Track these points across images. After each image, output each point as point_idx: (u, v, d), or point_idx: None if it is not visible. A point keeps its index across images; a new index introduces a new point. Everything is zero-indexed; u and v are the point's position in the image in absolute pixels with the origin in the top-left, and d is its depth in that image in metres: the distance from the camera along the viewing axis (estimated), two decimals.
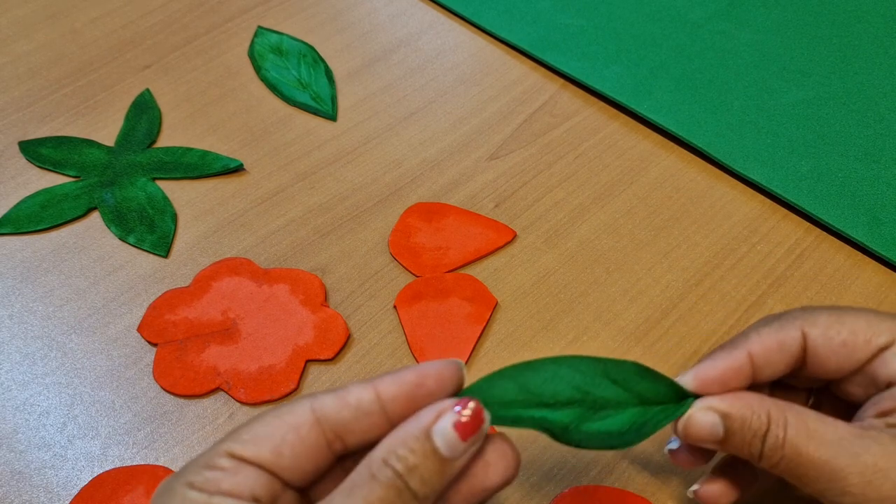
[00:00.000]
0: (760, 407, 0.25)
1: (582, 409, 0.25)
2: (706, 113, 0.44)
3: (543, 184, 0.42)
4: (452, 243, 0.39)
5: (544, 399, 0.25)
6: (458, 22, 0.51)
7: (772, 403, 0.25)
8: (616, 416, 0.25)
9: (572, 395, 0.25)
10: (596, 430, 0.25)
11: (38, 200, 0.42)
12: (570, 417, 0.25)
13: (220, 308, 0.37)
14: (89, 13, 0.53)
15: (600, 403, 0.25)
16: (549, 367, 0.25)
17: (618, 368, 0.25)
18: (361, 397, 0.22)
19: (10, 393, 0.35)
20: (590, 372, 0.25)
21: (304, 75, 0.48)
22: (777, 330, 0.26)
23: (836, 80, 0.45)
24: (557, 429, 0.25)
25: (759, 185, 0.41)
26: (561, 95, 0.46)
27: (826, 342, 0.25)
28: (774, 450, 0.24)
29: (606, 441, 0.25)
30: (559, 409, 0.25)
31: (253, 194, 0.42)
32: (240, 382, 0.34)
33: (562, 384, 0.25)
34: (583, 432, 0.25)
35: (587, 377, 0.25)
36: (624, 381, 0.25)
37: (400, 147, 0.44)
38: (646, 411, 0.26)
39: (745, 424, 0.25)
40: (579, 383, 0.25)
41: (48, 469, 0.32)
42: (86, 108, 0.47)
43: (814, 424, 0.24)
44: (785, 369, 0.26)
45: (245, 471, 0.21)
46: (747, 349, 0.26)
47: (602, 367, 0.25)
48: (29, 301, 0.38)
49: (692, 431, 0.25)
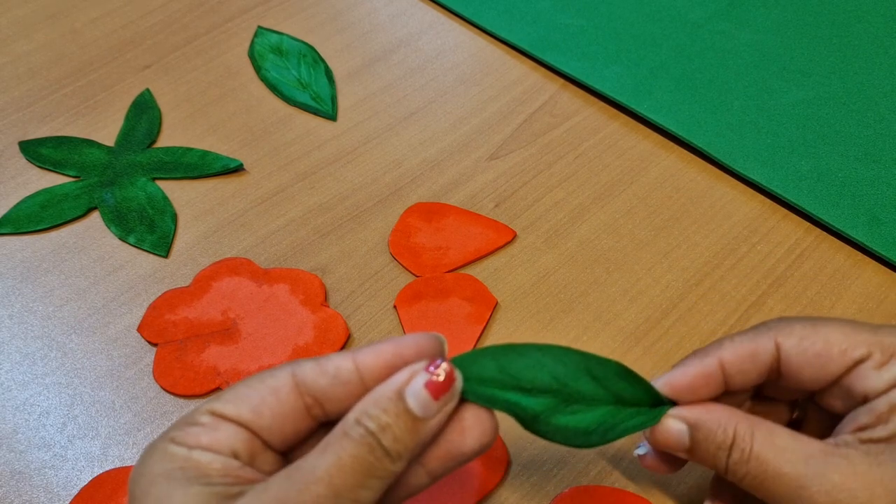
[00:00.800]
0: (728, 420, 0.25)
1: (556, 400, 0.25)
2: (706, 113, 0.44)
3: (543, 184, 0.42)
4: (452, 243, 0.39)
5: (522, 384, 0.25)
6: (458, 22, 0.51)
7: (741, 418, 0.25)
8: (587, 412, 0.25)
9: (550, 384, 0.25)
10: (564, 424, 0.25)
11: (38, 200, 0.42)
12: (542, 407, 0.25)
13: (220, 308, 0.37)
14: (89, 13, 0.53)
15: (575, 397, 0.25)
16: (534, 353, 0.25)
17: (600, 366, 0.26)
18: (340, 366, 0.23)
19: (10, 393, 0.35)
20: (572, 364, 0.25)
21: (304, 75, 0.48)
22: (750, 339, 0.26)
23: (837, 80, 0.45)
24: (527, 416, 0.25)
25: (760, 185, 0.41)
26: (561, 95, 0.46)
27: (800, 353, 0.25)
28: (739, 464, 0.24)
29: (571, 438, 0.25)
30: (534, 395, 0.25)
31: (253, 194, 0.42)
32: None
33: (542, 372, 0.25)
34: (551, 424, 0.25)
35: (568, 369, 0.25)
36: (604, 379, 0.26)
37: (400, 147, 0.44)
38: (618, 412, 0.26)
39: (710, 436, 0.25)
40: (559, 374, 0.25)
41: (48, 469, 0.32)
42: (86, 108, 0.47)
43: (782, 441, 0.24)
44: (758, 379, 0.26)
45: (225, 427, 0.22)
46: (718, 357, 0.25)
47: (585, 362, 0.25)
48: (29, 301, 0.38)
49: (660, 438, 0.26)
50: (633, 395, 0.26)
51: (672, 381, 0.26)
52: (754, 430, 0.24)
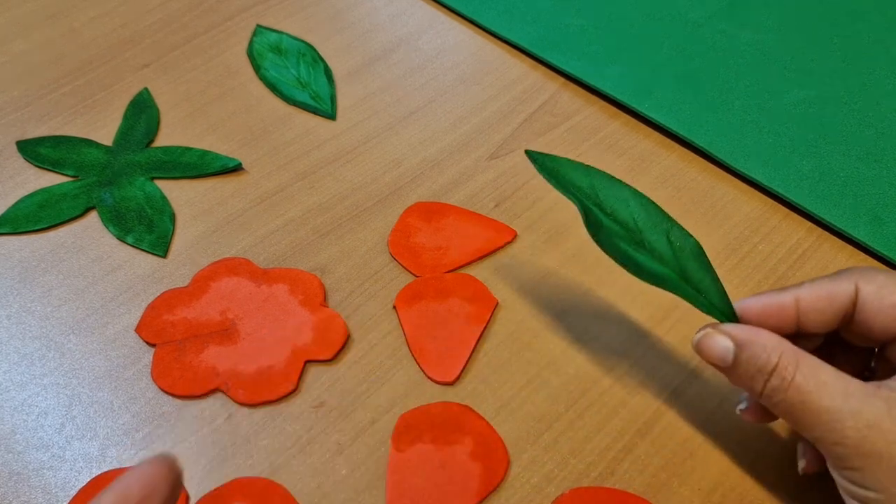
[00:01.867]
0: (775, 347, 0.25)
1: (626, 233, 0.26)
2: (707, 112, 0.44)
3: (544, 183, 0.42)
4: (452, 243, 0.39)
5: (604, 207, 0.26)
6: (458, 21, 0.51)
7: (788, 346, 0.25)
8: (650, 261, 0.26)
9: (627, 221, 0.26)
10: (623, 248, 0.26)
11: (36, 200, 0.42)
12: (612, 226, 0.26)
13: (219, 308, 0.36)
14: (88, 12, 0.53)
15: (645, 245, 0.26)
16: (625, 191, 0.26)
17: (681, 236, 0.26)
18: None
19: (8, 394, 0.35)
20: (654, 219, 0.26)
21: (304, 74, 0.48)
22: (831, 280, 0.26)
23: (838, 80, 0.45)
24: (595, 221, 0.26)
25: (761, 184, 0.40)
26: (561, 95, 0.46)
27: (878, 300, 0.25)
28: (777, 390, 0.25)
29: (621, 258, 0.26)
30: (609, 218, 0.26)
31: (252, 194, 0.42)
32: (239, 383, 0.34)
33: (626, 210, 0.26)
34: (612, 242, 0.26)
35: (650, 220, 0.26)
36: (679, 248, 0.26)
37: (400, 146, 0.44)
38: (678, 281, 0.26)
39: (753, 358, 0.25)
40: (640, 219, 0.26)
41: (46, 470, 0.32)
42: (84, 108, 0.47)
43: (825, 375, 0.25)
44: (832, 320, 0.26)
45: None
46: (795, 294, 0.26)
47: (667, 224, 0.26)
48: (27, 301, 0.38)
49: (704, 349, 0.27)
50: (699, 278, 0.26)
51: (744, 305, 0.27)
52: (799, 360, 0.25)
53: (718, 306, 0.27)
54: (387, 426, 0.33)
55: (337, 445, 0.32)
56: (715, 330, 0.27)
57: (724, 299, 0.27)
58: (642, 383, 0.34)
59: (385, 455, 0.32)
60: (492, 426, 0.32)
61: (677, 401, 0.33)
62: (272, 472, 0.32)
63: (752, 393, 0.26)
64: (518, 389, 0.34)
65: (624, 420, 0.33)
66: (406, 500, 0.30)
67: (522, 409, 0.33)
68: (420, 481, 0.31)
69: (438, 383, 0.34)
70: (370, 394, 0.34)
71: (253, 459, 0.32)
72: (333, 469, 0.32)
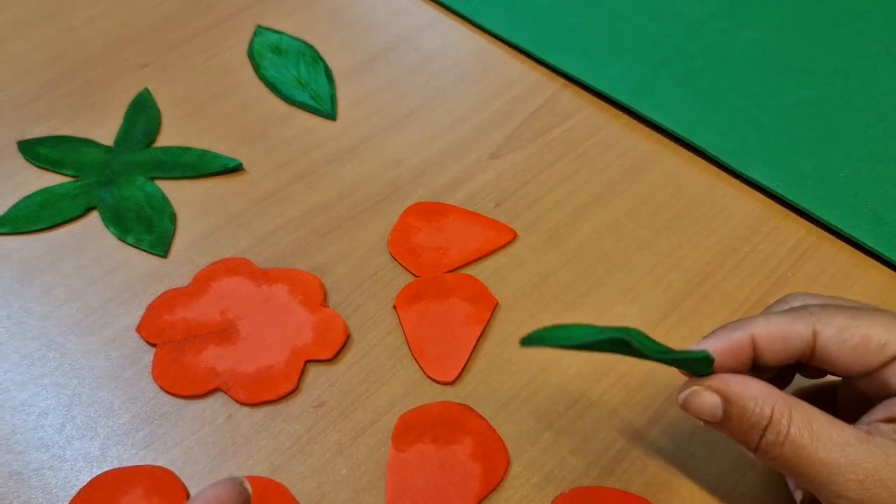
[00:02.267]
0: (766, 399, 0.25)
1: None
2: (708, 112, 0.44)
3: (544, 183, 0.42)
4: (452, 243, 0.39)
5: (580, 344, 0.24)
6: (458, 20, 0.51)
7: (779, 397, 0.25)
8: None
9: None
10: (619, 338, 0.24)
11: (36, 200, 0.42)
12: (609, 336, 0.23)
13: (219, 308, 0.36)
14: (87, 12, 0.53)
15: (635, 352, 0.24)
16: (572, 328, 0.24)
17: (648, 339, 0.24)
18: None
19: (9, 394, 0.35)
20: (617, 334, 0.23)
21: (304, 74, 0.48)
22: (787, 321, 0.26)
23: (839, 80, 0.45)
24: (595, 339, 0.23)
25: (761, 184, 0.40)
26: (562, 94, 0.46)
27: (838, 344, 0.25)
28: (773, 446, 0.24)
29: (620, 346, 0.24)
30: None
31: (252, 194, 0.42)
32: (238, 383, 0.34)
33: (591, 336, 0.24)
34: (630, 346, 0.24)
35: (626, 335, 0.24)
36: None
37: (400, 146, 0.44)
38: (671, 353, 0.24)
39: (745, 413, 0.25)
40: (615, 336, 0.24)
41: (46, 470, 0.32)
42: (84, 108, 0.47)
43: (818, 426, 0.24)
44: (788, 360, 0.26)
45: None
46: (751, 332, 0.26)
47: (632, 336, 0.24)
48: (27, 301, 0.38)
49: (692, 407, 0.26)
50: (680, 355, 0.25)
51: (703, 347, 0.26)
52: (792, 412, 0.24)
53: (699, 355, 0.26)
54: (387, 426, 0.33)
55: (337, 445, 0.32)
56: (701, 387, 0.25)
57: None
58: (642, 383, 0.34)
59: (385, 455, 0.32)
60: (492, 426, 0.32)
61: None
62: (272, 471, 0.32)
63: (747, 447, 0.25)
64: (518, 389, 0.34)
65: (623, 420, 0.33)
66: (406, 499, 0.30)
67: (522, 409, 0.33)
68: (420, 481, 0.31)
69: (438, 383, 0.34)
70: (370, 394, 0.34)
71: (253, 459, 0.32)
72: (333, 469, 0.32)
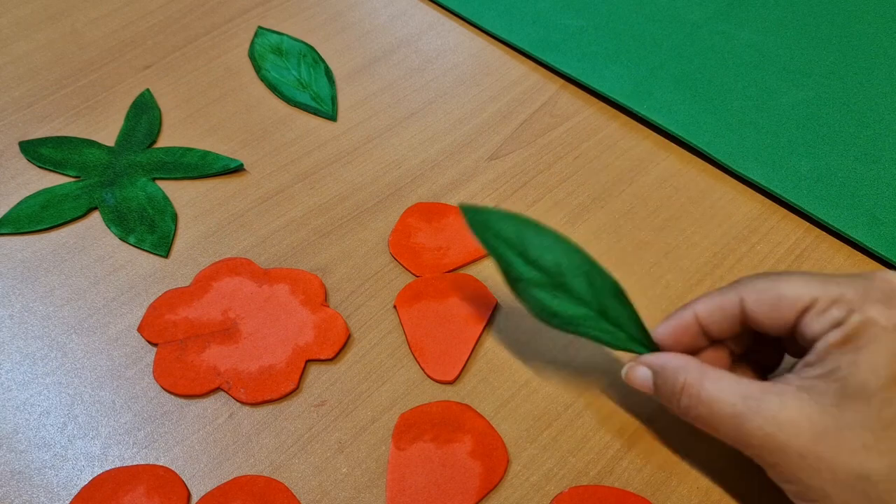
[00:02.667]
0: (683, 368, 0.28)
1: (546, 279, 0.29)
2: (706, 113, 0.44)
3: (543, 184, 0.42)
4: (452, 243, 0.39)
5: (527, 254, 0.29)
6: (458, 22, 0.51)
7: (694, 366, 0.28)
8: (568, 304, 0.29)
9: (549, 266, 0.29)
10: (540, 298, 0.29)
11: (38, 200, 0.42)
12: (530, 276, 0.29)
13: (221, 308, 0.37)
14: (90, 13, 0.53)
15: (564, 288, 0.29)
16: (549, 237, 0.29)
17: (601, 276, 0.29)
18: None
19: (11, 393, 0.35)
20: (576, 262, 0.29)
21: (305, 75, 0.48)
22: (719, 294, 0.29)
23: (836, 81, 0.45)
24: (513, 276, 0.29)
25: (759, 185, 0.41)
26: (561, 96, 0.46)
27: (758, 305, 0.28)
28: (689, 407, 0.28)
29: (538, 310, 0.29)
30: (530, 267, 0.29)
31: (253, 194, 0.42)
32: (240, 382, 0.34)
33: (548, 254, 0.29)
34: (529, 292, 0.29)
35: (571, 264, 0.29)
36: (599, 288, 0.29)
37: (400, 147, 0.44)
38: (596, 320, 0.29)
39: (667, 381, 0.28)
40: (562, 264, 0.29)
41: (48, 469, 0.32)
42: (86, 109, 0.47)
43: (725, 384, 0.27)
44: (731, 329, 0.29)
45: None
46: (693, 310, 0.29)
47: (588, 266, 0.29)
48: (29, 301, 0.38)
49: (631, 379, 0.30)
50: (618, 315, 0.29)
51: (658, 331, 0.30)
52: (703, 375, 0.27)
53: (638, 338, 0.30)
54: (387, 425, 0.33)
55: (338, 444, 0.33)
56: (636, 362, 0.30)
57: (644, 331, 0.30)
58: None
59: (385, 454, 0.32)
60: (492, 425, 0.32)
61: None
62: (273, 470, 0.32)
63: (675, 412, 0.29)
64: (517, 388, 0.34)
65: (623, 419, 0.33)
66: (406, 498, 0.30)
67: (522, 408, 0.33)
68: (420, 480, 0.31)
69: (438, 382, 0.34)
70: (371, 393, 0.34)
71: (254, 458, 0.32)
72: (334, 467, 0.32)
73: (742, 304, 0.28)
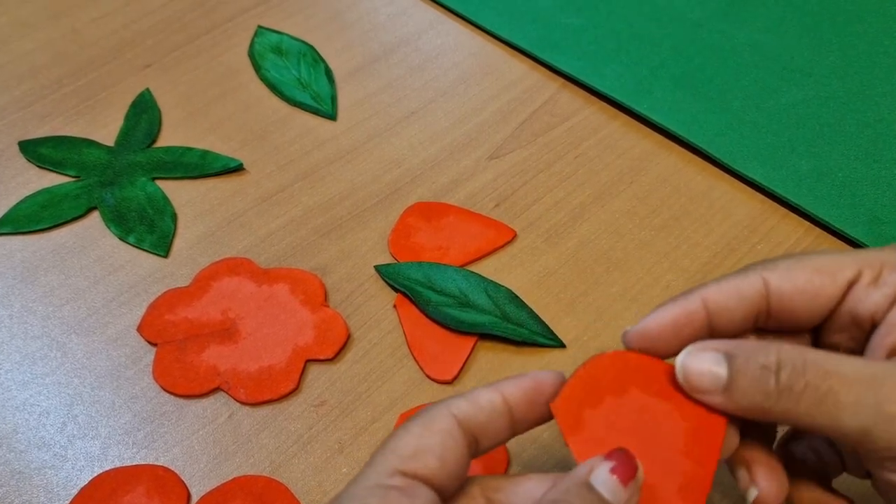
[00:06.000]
0: (767, 344, 0.22)
1: (454, 301, 0.36)
2: (706, 112, 0.44)
3: (543, 183, 0.42)
4: (452, 243, 0.39)
5: (434, 286, 0.36)
6: (458, 21, 0.51)
7: (778, 342, 0.22)
8: (475, 314, 0.35)
9: (454, 291, 0.36)
10: (450, 313, 0.35)
11: (37, 200, 0.42)
12: (439, 300, 0.36)
13: (220, 308, 0.37)
14: (90, 13, 0.53)
15: (470, 304, 0.36)
16: (450, 272, 0.37)
17: (496, 290, 0.36)
18: (492, 399, 0.23)
19: (10, 393, 0.35)
20: (474, 283, 0.36)
21: (304, 75, 0.48)
22: (737, 277, 0.24)
23: (836, 80, 0.45)
24: (423, 301, 0.36)
25: (760, 184, 0.41)
26: (561, 95, 0.46)
27: (789, 283, 0.23)
28: (794, 379, 0.21)
29: (455, 323, 0.35)
30: (439, 294, 0.36)
31: (253, 194, 0.42)
32: (240, 382, 0.34)
33: (451, 283, 0.36)
34: (440, 310, 0.35)
35: (470, 285, 0.36)
36: (497, 298, 0.36)
37: (400, 146, 0.44)
38: (501, 323, 0.35)
39: (751, 360, 0.22)
40: (463, 287, 0.36)
41: (48, 469, 0.32)
42: (86, 108, 0.47)
43: (833, 356, 0.21)
44: (745, 319, 0.24)
45: (419, 490, 0.21)
46: (702, 295, 0.23)
47: (484, 284, 0.36)
48: (29, 301, 0.38)
49: (693, 368, 0.22)
50: (517, 315, 0.35)
51: (651, 321, 0.24)
52: (800, 348, 0.22)
53: (540, 332, 0.35)
54: (387, 425, 0.33)
55: (338, 444, 0.33)
56: (696, 348, 0.23)
57: (544, 326, 0.35)
58: None
59: None
60: None
61: None
62: (273, 470, 0.32)
63: (763, 403, 0.21)
64: None
65: None
66: None
67: None
68: None
69: (438, 382, 0.34)
70: (370, 393, 0.34)
71: (254, 458, 0.32)
72: (334, 467, 0.32)
73: (766, 287, 0.23)
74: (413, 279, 0.37)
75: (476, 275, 0.37)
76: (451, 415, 0.22)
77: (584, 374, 0.23)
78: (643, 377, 0.23)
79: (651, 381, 0.23)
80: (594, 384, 0.23)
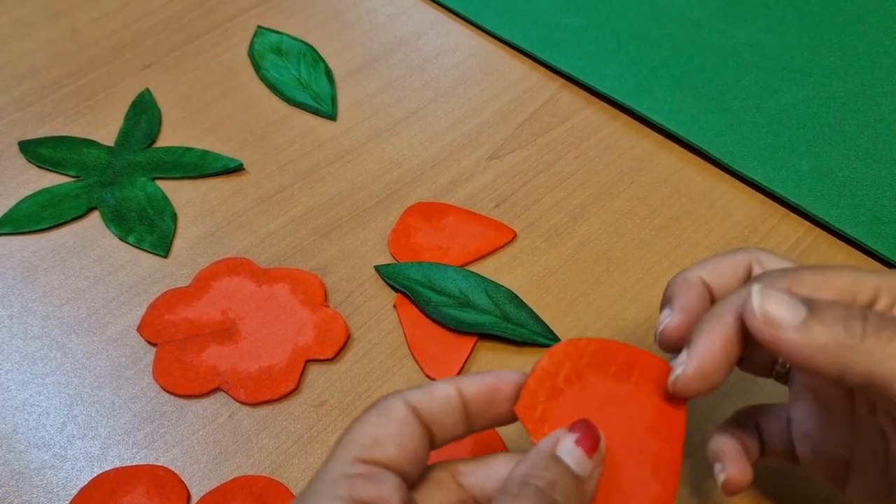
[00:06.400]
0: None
1: (454, 301, 0.36)
2: (706, 112, 0.44)
3: (543, 183, 0.42)
4: (452, 243, 0.39)
5: (434, 286, 0.36)
6: (458, 21, 0.51)
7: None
8: (475, 315, 0.35)
9: (454, 291, 0.36)
10: (450, 313, 0.35)
11: (37, 200, 0.42)
12: (440, 300, 0.36)
13: (220, 308, 0.37)
14: (90, 13, 0.53)
15: (470, 304, 0.36)
16: (450, 272, 0.37)
17: (496, 289, 0.36)
18: (448, 392, 0.23)
19: (10, 393, 0.35)
20: (474, 283, 0.36)
21: (304, 75, 0.48)
22: (728, 252, 0.26)
23: (836, 80, 0.45)
24: (424, 301, 0.36)
25: (760, 184, 0.41)
26: (561, 95, 0.46)
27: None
28: (883, 324, 0.21)
29: (455, 323, 0.35)
30: (439, 294, 0.36)
31: (253, 194, 0.42)
32: (240, 382, 0.34)
33: (451, 283, 0.36)
34: (440, 311, 0.35)
35: (470, 285, 0.36)
36: (497, 298, 0.36)
37: (400, 147, 0.44)
38: (501, 323, 0.35)
39: (831, 304, 0.21)
40: (463, 287, 0.36)
41: (48, 469, 0.32)
42: (86, 108, 0.47)
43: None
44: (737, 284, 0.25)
45: (383, 476, 0.21)
46: (733, 312, 0.23)
47: (484, 284, 0.37)
48: (29, 301, 0.38)
49: (772, 306, 0.22)
50: (517, 315, 0.36)
51: (702, 364, 0.23)
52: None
53: (540, 332, 0.35)
54: None
55: None
56: (765, 286, 0.22)
57: (544, 326, 0.35)
58: None
59: None
60: None
61: None
62: (273, 470, 0.32)
63: (847, 341, 0.21)
64: None
65: None
66: None
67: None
68: None
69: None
70: (371, 393, 0.34)
71: (254, 458, 0.32)
72: None
73: (755, 267, 0.25)
74: (413, 279, 0.37)
75: (476, 275, 0.37)
76: (406, 403, 0.23)
77: (541, 370, 0.24)
78: (600, 362, 0.24)
79: (608, 366, 0.24)
80: (553, 377, 0.24)
